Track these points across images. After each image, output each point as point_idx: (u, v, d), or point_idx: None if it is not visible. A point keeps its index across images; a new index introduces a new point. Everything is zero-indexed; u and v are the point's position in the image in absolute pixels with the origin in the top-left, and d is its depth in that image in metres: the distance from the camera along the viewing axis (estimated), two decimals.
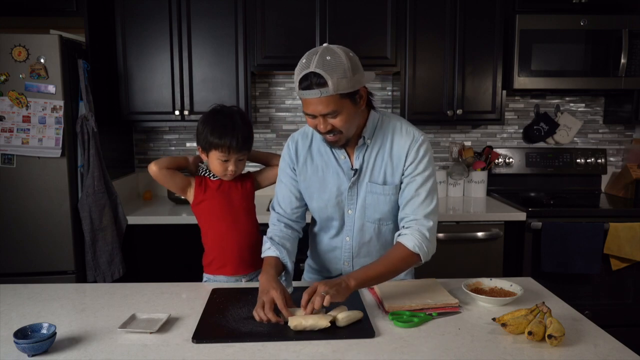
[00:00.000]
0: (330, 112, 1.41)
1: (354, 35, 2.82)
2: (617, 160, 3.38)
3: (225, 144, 1.64)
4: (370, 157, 1.58)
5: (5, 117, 2.30)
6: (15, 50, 2.28)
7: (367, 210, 1.60)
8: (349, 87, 1.39)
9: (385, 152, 1.58)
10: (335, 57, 1.37)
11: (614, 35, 2.82)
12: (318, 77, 1.36)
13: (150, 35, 2.81)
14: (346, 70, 1.37)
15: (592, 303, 2.74)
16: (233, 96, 2.87)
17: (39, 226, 2.38)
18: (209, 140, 1.65)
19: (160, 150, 3.28)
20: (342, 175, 1.60)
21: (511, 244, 2.76)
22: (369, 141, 1.57)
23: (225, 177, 1.73)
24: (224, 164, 1.68)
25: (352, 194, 1.60)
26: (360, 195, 1.60)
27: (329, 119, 1.43)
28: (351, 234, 1.64)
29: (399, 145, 1.57)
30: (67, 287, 1.67)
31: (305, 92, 1.39)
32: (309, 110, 1.43)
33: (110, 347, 1.22)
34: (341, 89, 1.38)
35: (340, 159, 1.60)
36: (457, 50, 2.89)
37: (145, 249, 2.67)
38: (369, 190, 1.58)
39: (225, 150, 1.65)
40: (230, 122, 1.66)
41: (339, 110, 1.41)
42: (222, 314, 1.39)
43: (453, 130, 3.33)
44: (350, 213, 1.62)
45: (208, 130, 1.66)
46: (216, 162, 1.69)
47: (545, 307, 1.29)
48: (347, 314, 1.33)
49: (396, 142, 1.57)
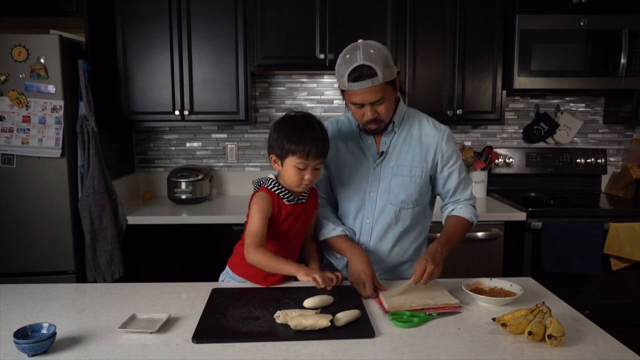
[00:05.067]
0: (378, 100, 1.55)
1: (354, 35, 2.76)
2: (617, 160, 3.38)
3: (304, 150, 1.52)
4: (397, 142, 1.70)
5: (5, 117, 2.30)
6: (15, 50, 2.28)
7: (391, 192, 1.68)
8: (392, 76, 1.56)
9: (412, 138, 1.69)
10: (377, 49, 1.54)
11: (614, 35, 2.82)
12: (368, 68, 1.50)
13: (150, 36, 2.81)
14: (388, 60, 1.54)
15: (592, 303, 2.74)
16: (233, 96, 2.87)
17: (39, 226, 2.38)
18: (286, 146, 1.53)
19: (160, 150, 3.28)
20: (369, 158, 1.71)
21: (511, 244, 2.76)
22: (397, 128, 1.69)
23: (299, 187, 1.59)
24: (300, 172, 1.55)
25: (375, 176, 1.69)
26: (384, 179, 1.69)
27: (376, 107, 1.57)
28: (372, 217, 1.70)
29: (429, 136, 1.70)
30: (67, 287, 1.67)
31: (356, 83, 1.52)
32: (358, 99, 1.56)
33: (110, 347, 1.22)
34: (387, 77, 1.53)
35: (367, 143, 1.71)
36: (457, 50, 2.89)
37: (145, 249, 2.67)
38: (394, 173, 1.68)
39: (304, 156, 1.52)
40: (308, 127, 1.55)
41: (385, 97, 1.56)
42: (222, 314, 1.39)
43: (453, 130, 3.29)
44: (372, 195, 1.70)
45: (284, 136, 1.53)
46: (292, 170, 1.55)
47: (545, 307, 1.29)
48: (346, 313, 1.33)
49: (425, 132, 1.70)
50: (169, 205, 2.94)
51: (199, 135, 3.28)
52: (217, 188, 3.26)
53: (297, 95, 3.27)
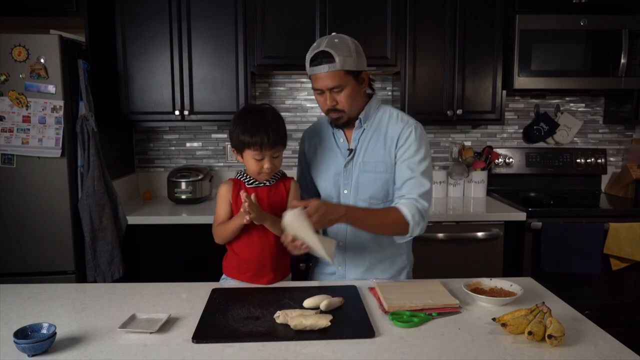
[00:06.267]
0: (336, 87, 1.59)
1: (354, 35, 2.74)
2: (617, 160, 3.38)
3: (257, 142, 1.58)
4: (365, 139, 1.71)
5: (5, 117, 2.30)
6: (15, 50, 2.28)
7: (360, 189, 1.70)
8: (353, 66, 1.58)
9: (380, 135, 1.70)
10: (342, 39, 1.60)
11: (614, 35, 2.82)
12: (327, 54, 1.56)
13: (150, 36, 2.81)
14: (351, 51, 1.58)
15: (592, 303, 2.74)
16: (233, 96, 2.87)
17: (39, 226, 2.38)
18: (241, 139, 1.60)
19: (160, 150, 3.28)
20: (340, 155, 1.74)
21: (511, 244, 2.76)
22: (365, 124, 1.71)
23: (260, 176, 1.66)
24: (259, 162, 1.62)
25: (347, 173, 1.72)
26: (354, 175, 1.71)
27: (335, 94, 1.61)
28: None
29: (393, 129, 1.68)
30: (67, 287, 1.67)
31: (315, 68, 1.59)
32: (318, 85, 1.61)
33: (110, 347, 1.22)
34: (347, 66, 1.57)
35: (340, 141, 1.75)
36: (457, 50, 2.89)
37: (145, 249, 2.67)
38: (362, 169, 1.70)
39: (259, 148, 1.59)
40: (260, 119, 1.61)
41: (343, 86, 1.59)
42: (222, 314, 1.39)
43: (453, 130, 3.33)
44: (346, 192, 1.73)
45: (239, 130, 1.61)
46: (250, 161, 1.63)
47: (545, 307, 1.29)
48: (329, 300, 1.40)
49: (390, 127, 1.69)
50: (169, 205, 2.94)
51: (199, 135, 3.28)
52: (217, 188, 3.26)
53: (297, 95, 3.27)
